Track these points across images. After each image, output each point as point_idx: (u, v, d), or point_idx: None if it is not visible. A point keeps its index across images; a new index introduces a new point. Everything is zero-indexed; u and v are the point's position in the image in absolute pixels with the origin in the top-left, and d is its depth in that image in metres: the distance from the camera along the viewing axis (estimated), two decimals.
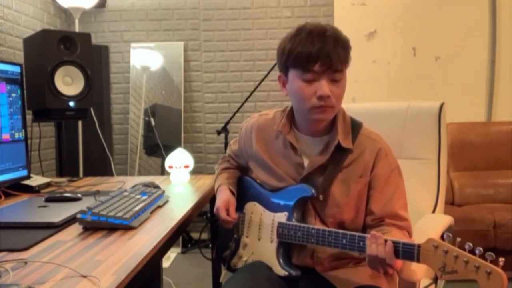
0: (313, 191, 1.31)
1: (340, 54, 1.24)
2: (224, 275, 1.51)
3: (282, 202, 1.37)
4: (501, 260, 1.01)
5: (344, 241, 1.22)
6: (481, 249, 1.03)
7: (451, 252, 1.04)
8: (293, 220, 1.34)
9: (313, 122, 1.33)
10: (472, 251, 1.03)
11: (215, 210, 1.44)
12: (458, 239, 1.07)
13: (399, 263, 1.15)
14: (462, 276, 1.03)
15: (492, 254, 1.01)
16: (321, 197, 1.32)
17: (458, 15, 3.67)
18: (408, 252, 1.11)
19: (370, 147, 1.33)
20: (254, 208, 1.46)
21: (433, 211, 1.71)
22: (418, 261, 1.11)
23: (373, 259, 1.15)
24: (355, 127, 1.36)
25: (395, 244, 1.13)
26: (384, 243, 1.14)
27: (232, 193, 1.49)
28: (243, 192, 1.53)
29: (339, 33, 1.28)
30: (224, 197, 1.45)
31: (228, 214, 1.41)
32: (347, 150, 1.32)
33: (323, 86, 1.24)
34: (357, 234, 1.21)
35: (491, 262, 1.01)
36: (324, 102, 1.25)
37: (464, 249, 1.04)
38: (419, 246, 1.10)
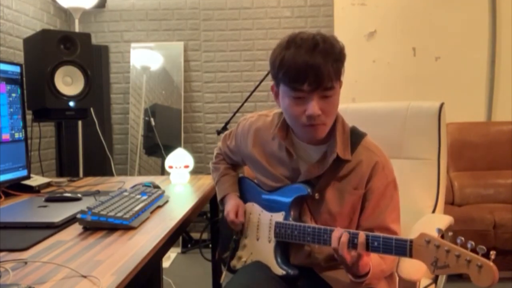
0: (309, 190, 1.30)
1: (331, 71, 1.18)
2: (225, 275, 1.52)
3: (279, 202, 1.37)
4: (492, 253, 1.00)
5: None
6: (472, 243, 1.02)
7: (443, 247, 1.04)
8: (290, 219, 1.34)
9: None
10: (464, 245, 1.03)
11: (225, 213, 1.46)
12: (450, 233, 1.06)
13: (348, 256, 1.15)
14: (454, 270, 1.03)
15: (484, 247, 1.00)
16: (317, 195, 1.31)
17: (458, 15, 3.67)
18: (401, 247, 1.11)
19: (367, 159, 1.30)
20: (252, 209, 1.46)
21: (433, 211, 1.71)
22: (410, 256, 1.10)
23: (335, 254, 1.18)
24: (356, 137, 1.33)
25: (388, 240, 1.13)
26: (338, 235, 1.17)
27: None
28: (242, 193, 1.53)
29: (331, 44, 1.20)
30: (234, 202, 1.48)
31: (236, 217, 1.43)
32: (345, 160, 1.30)
33: (313, 106, 1.19)
34: (351, 231, 1.20)
35: (482, 255, 1.00)
36: (314, 121, 1.22)
37: (456, 243, 1.04)
38: (411, 241, 1.10)
